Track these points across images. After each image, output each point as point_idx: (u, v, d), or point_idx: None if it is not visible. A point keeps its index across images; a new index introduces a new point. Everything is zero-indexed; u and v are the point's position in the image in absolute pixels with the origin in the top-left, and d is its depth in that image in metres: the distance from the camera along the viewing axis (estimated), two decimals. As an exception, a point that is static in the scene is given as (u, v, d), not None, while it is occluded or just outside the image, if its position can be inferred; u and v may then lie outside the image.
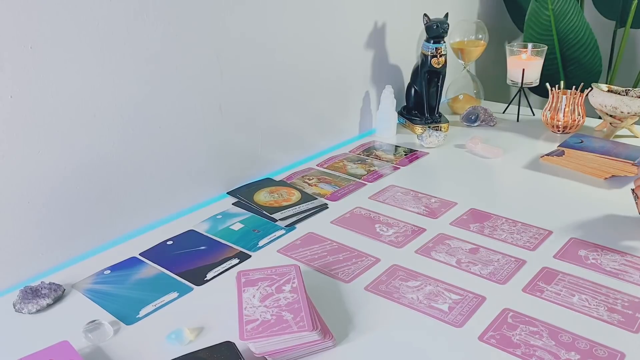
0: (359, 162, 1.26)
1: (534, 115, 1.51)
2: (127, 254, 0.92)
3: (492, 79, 1.84)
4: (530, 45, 1.45)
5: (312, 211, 1.04)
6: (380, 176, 1.19)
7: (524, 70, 1.41)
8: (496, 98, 1.67)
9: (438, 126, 1.39)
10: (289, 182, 1.16)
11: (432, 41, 1.33)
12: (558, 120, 1.36)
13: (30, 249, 0.86)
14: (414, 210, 1.04)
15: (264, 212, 1.03)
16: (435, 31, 1.31)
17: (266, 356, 0.67)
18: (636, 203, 0.95)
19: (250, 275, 0.79)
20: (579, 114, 1.35)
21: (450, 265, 0.87)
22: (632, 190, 0.95)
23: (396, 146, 1.35)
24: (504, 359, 0.68)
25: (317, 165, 1.24)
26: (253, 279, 0.77)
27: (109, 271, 0.88)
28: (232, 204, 1.08)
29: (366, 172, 1.20)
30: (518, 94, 1.46)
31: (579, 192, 1.09)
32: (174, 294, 0.82)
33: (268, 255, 0.91)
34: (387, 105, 1.37)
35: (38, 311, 0.78)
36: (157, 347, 0.71)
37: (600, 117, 1.38)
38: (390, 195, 1.10)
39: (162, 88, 0.96)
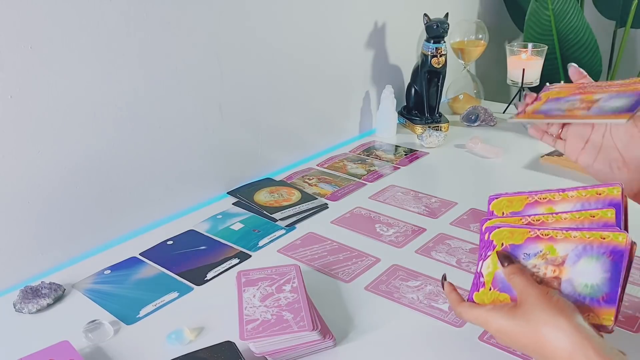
0: (359, 162, 1.26)
1: (534, 115, 1.50)
2: (127, 254, 0.92)
3: (492, 79, 1.84)
4: (530, 45, 1.45)
5: (312, 211, 1.04)
6: (381, 176, 1.19)
7: (524, 70, 1.41)
8: (496, 98, 1.67)
9: (438, 126, 1.39)
10: (289, 182, 1.16)
11: (432, 41, 1.33)
12: (558, 120, 1.36)
13: (30, 249, 0.86)
14: (414, 210, 1.04)
15: (264, 212, 1.03)
16: (436, 31, 1.31)
17: (266, 356, 0.67)
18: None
19: (250, 275, 0.79)
20: (579, 114, 1.35)
21: (450, 265, 0.87)
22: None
23: (396, 146, 1.35)
24: (504, 359, 0.68)
25: (317, 165, 1.24)
26: (253, 279, 0.77)
27: (109, 271, 0.88)
28: (232, 203, 1.07)
29: (366, 172, 1.20)
30: (518, 94, 1.46)
31: (579, 192, 1.09)
32: (174, 294, 0.82)
33: (268, 255, 0.91)
34: (387, 105, 1.37)
35: (38, 311, 0.78)
36: (157, 347, 0.71)
37: (600, 117, 1.38)
38: (391, 195, 1.10)
39: (162, 88, 0.96)
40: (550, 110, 0.72)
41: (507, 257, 0.60)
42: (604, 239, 0.57)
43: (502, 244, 0.61)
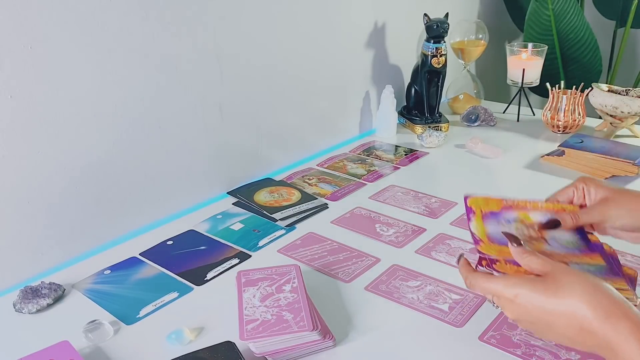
0: (359, 162, 1.26)
1: (534, 115, 1.51)
2: (127, 254, 0.92)
3: (492, 79, 1.84)
4: (530, 45, 1.45)
5: (312, 211, 1.04)
6: (381, 176, 1.19)
7: (524, 70, 1.41)
8: (496, 98, 1.67)
9: (438, 126, 1.39)
10: (289, 182, 1.16)
11: (432, 41, 1.33)
12: (558, 120, 1.36)
13: (30, 249, 0.86)
14: (414, 210, 1.04)
15: (264, 212, 1.03)
16: (436, 31, 1.31)
17: (266, 356, 0.67)
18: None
19: (250, 275, 0.79)
20: (579, 114, 1.35)
21: (450, 265, 0.87)
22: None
23: (396, 146, 1.35)
24: (504, 359, 0.68)
25: (317, 165, 1.24)
26: (253, 279, 0.77)
27: (109, 271, 0.88)
28: (232, 204, 1.07)
29: (366, 172, 1.20)
30: (518, 94, 1.46)
31: (579, 192, 1.09)
32: (174, 294, 0.82)
33: (268, 255, 0.91)
34: (387, 105, 1.37)
35: (38, 311, 0.78)
36: (157, 347, 0.71)
37: (600, 117, 1.38)
38: (391, 195, 1.10)
39: (162, 88, 0.96)
40: (496, 235, 0.66)
41: (516, 238, 0.61)
42: (565, 209, 0.69)
43: (481, 210, 0.68)
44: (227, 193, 1.11)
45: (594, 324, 0.52)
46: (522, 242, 0.61)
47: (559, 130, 1.37)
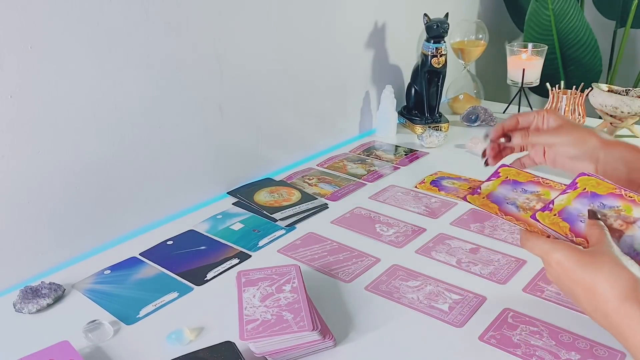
0: (359, 162, 1.26)
1: (534, 115, 1.50)
2: (127, 254, 0.92)
3: (492, 79, 1.84)
4: (530, 45, 1.45)
5: (312, 211, 1.04)
6: (381, 176, 1.19)
7: (524, 70, 1.41)
8: (496, 98, 1.67)
9: (438, 126, 1.39)
10: (289, 182, 1.16)
11: (432, 41, 1.33)
12: (558, 120, 1.36)
13: (30, 249, 0.86)
14: (414, 210, 1.04)
15: (264, 212, 1.03)
16: (436, 31, 1.31)
17: (266, 356, 0.67)
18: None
19: (250, 275, 0.79)
20: (579, 114, 1.35)
21: (450, 265, 0.87)
22: None
23: (396, 146, 1.35)
24: (504, 359, 0.68)
25: (317, 165, 1.24)
26: (253, 279, 0.77)
27: (109, 271, 0.88)
28: (232, 204, 1.07)
29: (366, 172, 1.20)
30: (518, 94, 1.46)
31: (579, 192, 1.09)
32: (174, 294, 0.82)
33: (268, 255, 0.91)
34: (387, 105, 1.37)
35: (38, 311, 0.78)
36: (157, 347, 0.71)
37: (600, 117, 1.38)
38: (391, 195, 1.10)
39: (162, 88, 0.96)
40: (505, 198, 0.73)
41: (595, 214, 0.63)
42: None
43: (585, 189, 0.67)
44: (227, 193, 1.11)
45: (609, 305, 0.54)
46: (599, 217, 0.62)
47: (559, 130, 1.37)
